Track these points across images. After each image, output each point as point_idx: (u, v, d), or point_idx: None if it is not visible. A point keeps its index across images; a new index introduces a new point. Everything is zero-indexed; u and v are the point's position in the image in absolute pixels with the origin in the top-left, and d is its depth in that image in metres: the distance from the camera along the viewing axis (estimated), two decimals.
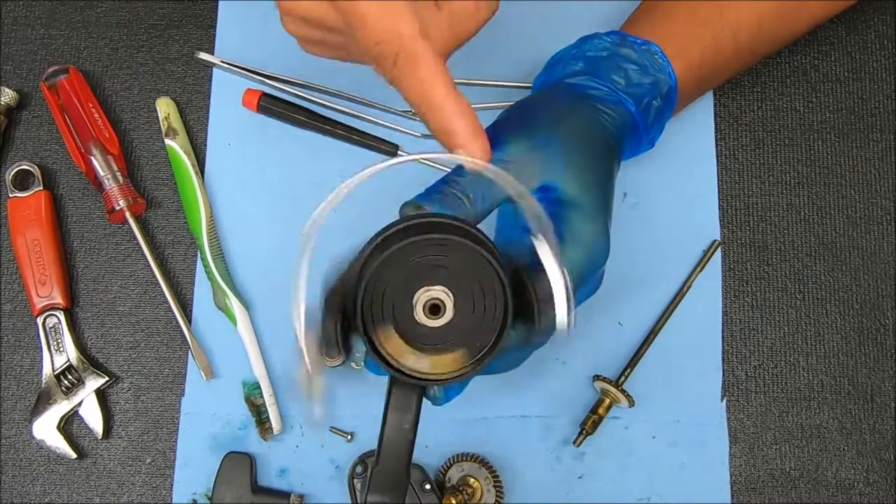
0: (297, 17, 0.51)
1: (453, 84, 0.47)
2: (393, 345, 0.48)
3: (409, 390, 0.50)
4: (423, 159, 0.46)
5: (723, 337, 0.67)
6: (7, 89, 0.70)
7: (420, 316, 0.48)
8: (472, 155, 0.48)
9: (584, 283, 0.54)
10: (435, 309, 0.48)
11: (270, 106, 0.69)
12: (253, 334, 0.66)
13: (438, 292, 0.48)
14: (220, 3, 0.72)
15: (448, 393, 0.53)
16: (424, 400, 0.51)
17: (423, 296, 0.48)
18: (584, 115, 0.57)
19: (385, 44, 0.47)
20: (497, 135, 0.55)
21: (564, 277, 0.47)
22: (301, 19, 0.51)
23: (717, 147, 0.70)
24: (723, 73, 0.65)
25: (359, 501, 0.56)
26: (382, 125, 0.70)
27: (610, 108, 0.58)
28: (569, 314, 0.47)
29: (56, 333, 0.66)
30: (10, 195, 0.68)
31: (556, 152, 0.54)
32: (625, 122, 0.59)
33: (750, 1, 0.62)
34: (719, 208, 0.69)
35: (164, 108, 0.70)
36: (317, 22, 0.50)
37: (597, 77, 0.59)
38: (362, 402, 0.65)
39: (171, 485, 0.65)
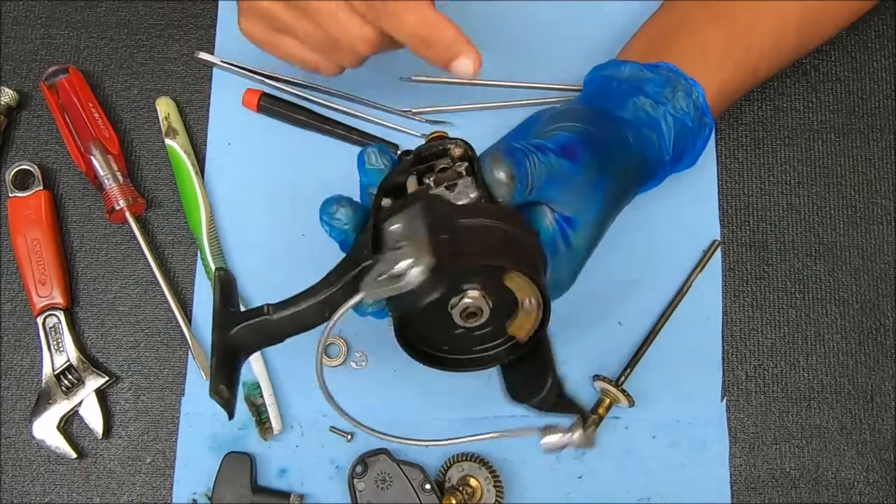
0: (257, 12, 0.52)
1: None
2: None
3: (346, 295, 0.47)
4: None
5: (723, 337, 0.67)
6: (7, 89, 0.70)
7: (457, 319, 0.48)
8: (472, 60, 0.51)
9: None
10: (472, 315, 0.48)
11: (270, 106, 0.69)
12: None
13: (477, 299, 0.47)
14: (220, 3, 0.72)
15: (381, 312, 0.53)
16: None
17: (460, 302, 0.47)
18: (634, 173, 0.58)
19: None
20: (579, 149, 0.54)
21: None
22: (259, 15, 0.52)
23: (717, 147, 0.70)
24: (732, 101, 0.66)
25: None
26: (382, 125, 0.70)
27: (653, 168, 0.60)
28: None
29: (56, 333, 0.66)
30: (10, 195, 0.68)
31: (600, 203, 0.55)
32: (654, 177, 0.61)
33: (772, 35, 0.63)
34: (719, 208, 0.69)
35: (164, 107, 0.70)
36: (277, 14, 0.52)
37: (661, 138, 0.59)
38: (362, 403, 0.64)
39: (171, 485, 0.65)
